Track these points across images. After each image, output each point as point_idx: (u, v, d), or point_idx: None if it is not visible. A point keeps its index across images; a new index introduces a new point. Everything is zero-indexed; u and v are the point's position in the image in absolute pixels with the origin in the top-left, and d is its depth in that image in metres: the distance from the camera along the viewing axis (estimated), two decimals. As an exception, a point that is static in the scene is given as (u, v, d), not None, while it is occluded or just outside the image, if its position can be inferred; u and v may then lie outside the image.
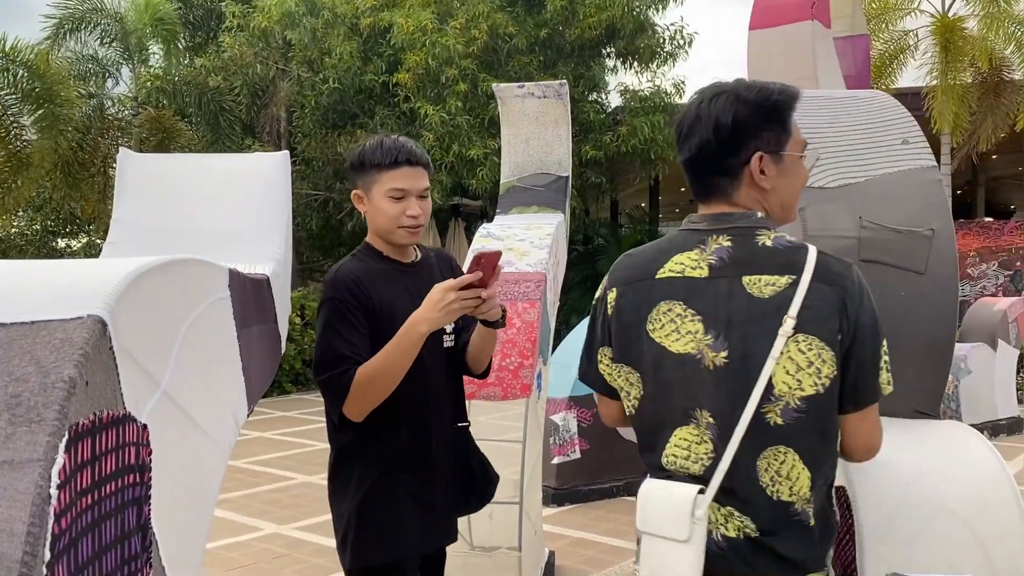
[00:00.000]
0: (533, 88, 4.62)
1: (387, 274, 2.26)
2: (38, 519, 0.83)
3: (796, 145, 1.72)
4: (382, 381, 2.09)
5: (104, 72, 15.91)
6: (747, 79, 1.75)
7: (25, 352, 0.94)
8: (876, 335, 1.64)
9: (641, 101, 14.78)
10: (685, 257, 1.74)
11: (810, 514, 1.65)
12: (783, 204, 1.75)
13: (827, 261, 1.67)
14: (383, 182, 2.22)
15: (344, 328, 2.12)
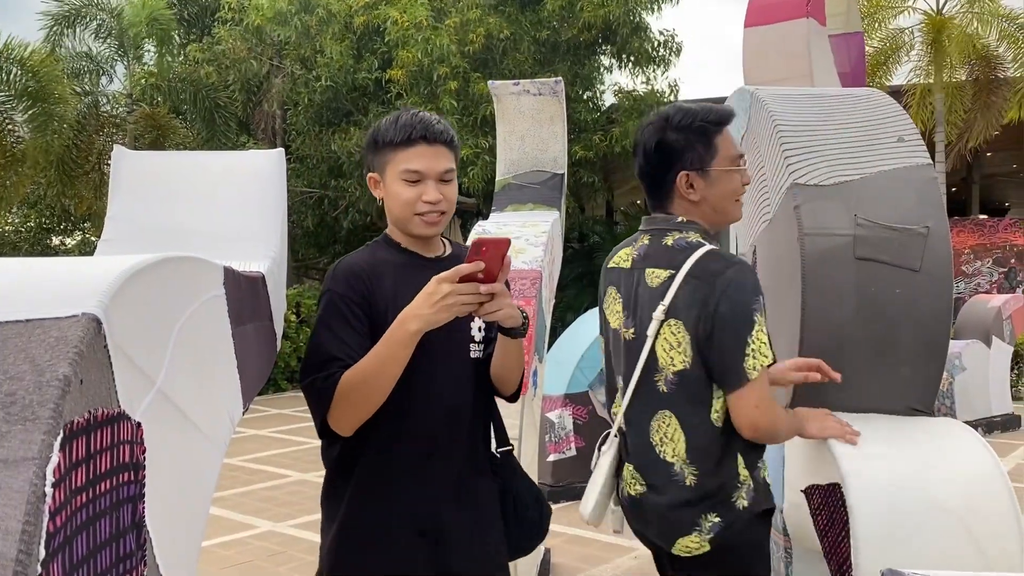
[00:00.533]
0: (528, 85, 4.62)
1: (401, 267, 1.94)
2: (33, 517, 0.82)
3: (724, 160, 2.02)
4: (367, 388, 1.77)
5: (98, 69, 15.87)
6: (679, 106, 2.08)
7: (19, 350, 0.93)
8: (739, 326, 1.89)
9: (635, 101, 14.79)
10: (624, 251, 2.19)
11: (686, 475, 1.96)
12: (716, 210, 2.06)
13: (707, 261, 1.96)
14: (397, 162, 1.92)
15: (338, 325, 1.84)
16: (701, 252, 1.97)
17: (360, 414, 1.81)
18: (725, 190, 2.04)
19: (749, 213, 2.86)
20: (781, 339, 2.49)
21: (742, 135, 2.88)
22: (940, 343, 2.34)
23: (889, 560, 1.89)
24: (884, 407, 2.33)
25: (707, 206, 2.06)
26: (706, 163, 2.01)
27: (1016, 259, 17.85)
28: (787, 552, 2.55)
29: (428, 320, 1.71)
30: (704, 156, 2.01)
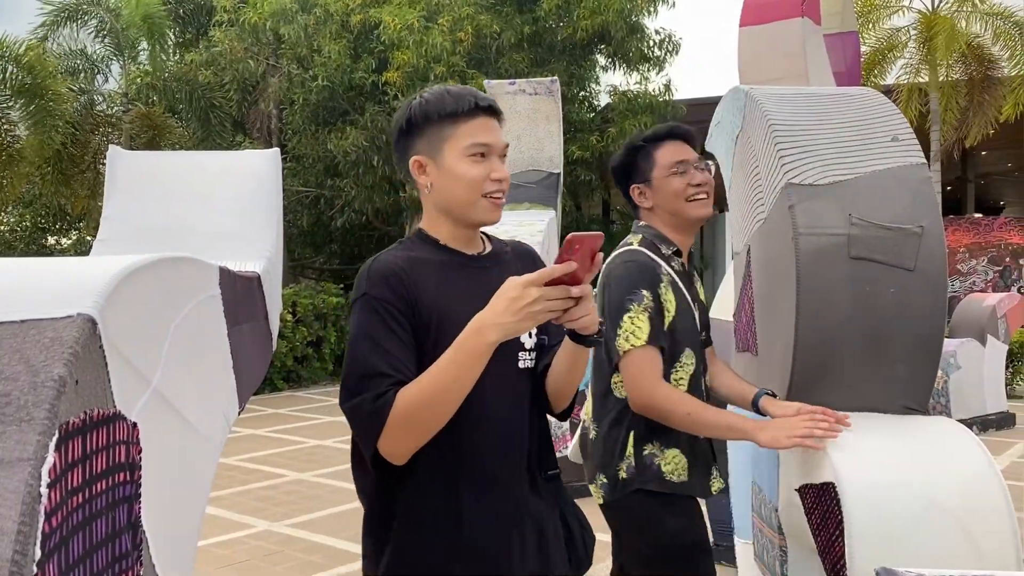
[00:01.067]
0: (524, 85, 4.63)
1: (443, 267, 1.69)
2: (28, 518, 0.83)
3: (662, 169, 2.37)
4: (432, 409, 1.52)
5: (94, 68, 15.84)
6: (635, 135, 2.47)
7: (15, 351, 0.94)
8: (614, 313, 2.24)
9: (629, 102, 14.80)
10: None
11: (591, 430, 2.39)
12: (670, 212, 2.40)
13: (612, 259, 2.36)
14: (459, 137, 1.67)
15: (381, 334, 1.57)
16: (617, 251, 2.40)
17: (421, 439, 1.55)
18: (668, 193, 2.37)
19: (743, 213, 2.86)
20: (776, 338, 2.50)
21: (736, 134, 2.89)
22: (934, 342, 2.35)
23: (883, 559, 1.90)
24: (878, 406, 2.33)
25: (661, 211, 2.41)
26: (647, 174, 2.38)
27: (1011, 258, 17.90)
28: (782, 551, 2.56)
29: (510, 329, 1.47)
30: (645, 169, 2.39)
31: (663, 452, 2.31)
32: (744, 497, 2.91)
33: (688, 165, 2.37)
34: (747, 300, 2.84)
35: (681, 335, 2.35)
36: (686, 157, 2.38)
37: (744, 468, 2.90)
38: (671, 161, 2.37)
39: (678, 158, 2.37)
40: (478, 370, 1.50)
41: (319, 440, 8.75)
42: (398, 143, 1.76)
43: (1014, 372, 11.81)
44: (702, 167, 2.42)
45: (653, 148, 2.40)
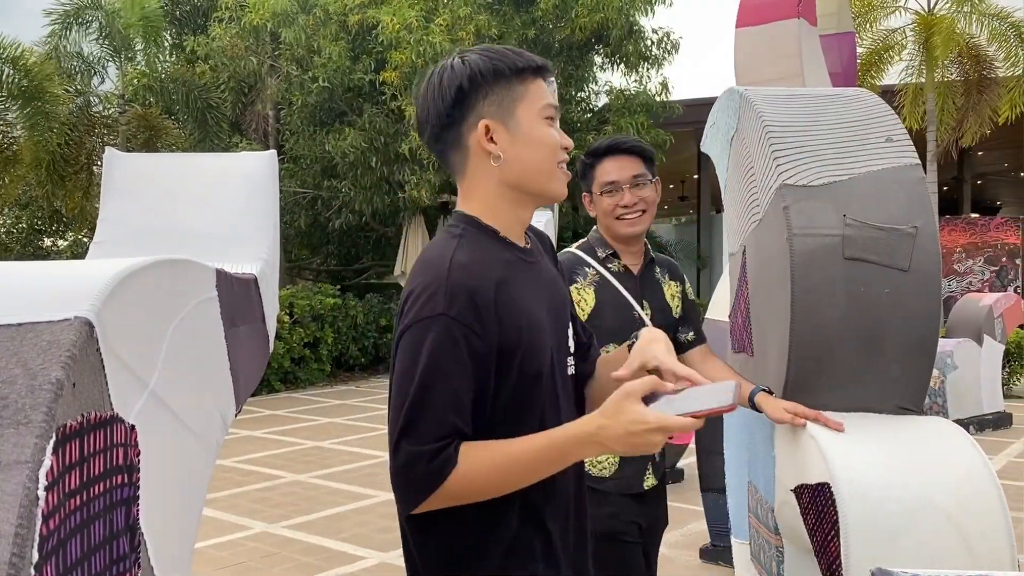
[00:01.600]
0: (521, 86, 4.63)
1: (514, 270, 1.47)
2: (26, 520, 0.83)
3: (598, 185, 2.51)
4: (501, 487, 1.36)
5: (90, 69, 15.82)
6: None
7: (12, 354, 0.94)
8: None
9: (627, 100, 14.80)
10: None
11: None
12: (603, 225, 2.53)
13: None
14: (533, 97, 1.48)
15: (456, 372, 1.33)
16: None
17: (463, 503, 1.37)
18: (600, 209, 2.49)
19: (739, 214, 2.87)
20: (771, 338, 2.51)
21: (731, 136, 2.89)
22: (929, 342, 2.36)
23: (878, 558, 1.91)
24: (873, 406, 2.34)
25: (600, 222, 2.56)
26: (590, 187, 2.49)
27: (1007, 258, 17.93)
28: (778, 551, 2.57)
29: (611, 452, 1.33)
30: (590, 182, 2.51)
31: None
32: (740, 498, 2.92)
33: (619, 186, 2.45)
34: (743, 301, 2.85)
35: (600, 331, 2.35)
36: (617, 178, 2.46)
37: (740, 469, 2.90)
38: (603, 181, 2.47)
39: (609, 179, 2.46)
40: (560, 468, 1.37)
41: (316, 441, 8.75)
42: (453, 109, 1.46)
43: (1011, 372, 11.83)
44: (640, 183, 2.49)
45: (596, 163, 2.50)
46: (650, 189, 2.53)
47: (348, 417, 10.46)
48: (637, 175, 2.49)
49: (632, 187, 2.47)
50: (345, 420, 10.24)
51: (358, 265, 18.40)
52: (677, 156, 16.59)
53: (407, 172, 13.84)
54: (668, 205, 27.97)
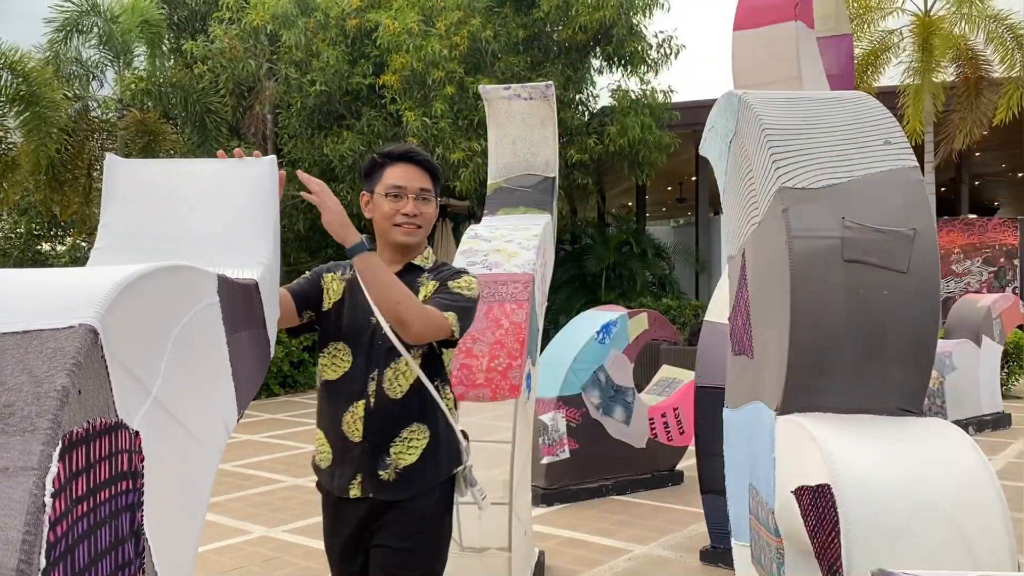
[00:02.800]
0: (519, 90, 4.64)
1: None
2: (33, 527, 0.84)
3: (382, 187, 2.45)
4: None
5: (88, 74, 15.81)
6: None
7: (17, 362, 0.94)
8: None
9: (632, 101, 14.80)
10: None
11: None
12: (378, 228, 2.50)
13: None
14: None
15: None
16: None
17: None
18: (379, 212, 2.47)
19: (738, 216, 2.88)
20: (771, 340, 2.52)
21: (730, 139, 2.90)
22: (928, 344, 2.37)
23: (879, 560, 1.91)
24: (873, 408, 2.35)
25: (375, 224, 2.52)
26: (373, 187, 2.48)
27: (1005, 258, 17.95)
28: (779, 553, 2.57)
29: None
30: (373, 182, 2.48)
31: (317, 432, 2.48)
32: (741, 499, 2.92)
33: (405, 193, 2.43)
34: (742, 303, 2.86)
35: (335, 326, 2.44)
36: (406, 185, 2.43)
37: (741, 470, 2.91)
38: (390, 183, 2.43)
39: (398, 183, 2.43)
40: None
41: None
42: None
43: (1009, 373, 11.84)
44: (425, 198, 2.45)
45: (386, 165, 2.45)
46: (431, 207, 2.48)
47: (348, 421, 10.47)
48: (424, 188, 2.45)
49: (416, 198, 2.43)
50: (345, 424, 10.24)
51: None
52: (675, 158, 16.60)
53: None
54: (666, 207, 27.99)
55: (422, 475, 2.37)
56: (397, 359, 2.36)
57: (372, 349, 2.39)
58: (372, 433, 2.36)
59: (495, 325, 3.74)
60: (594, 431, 6.56)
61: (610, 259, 17.19)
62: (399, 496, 2.36)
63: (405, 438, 2.37)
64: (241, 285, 1.80)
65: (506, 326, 3.73)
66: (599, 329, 6.70)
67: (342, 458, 2.40)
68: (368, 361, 2.39)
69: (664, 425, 7.01)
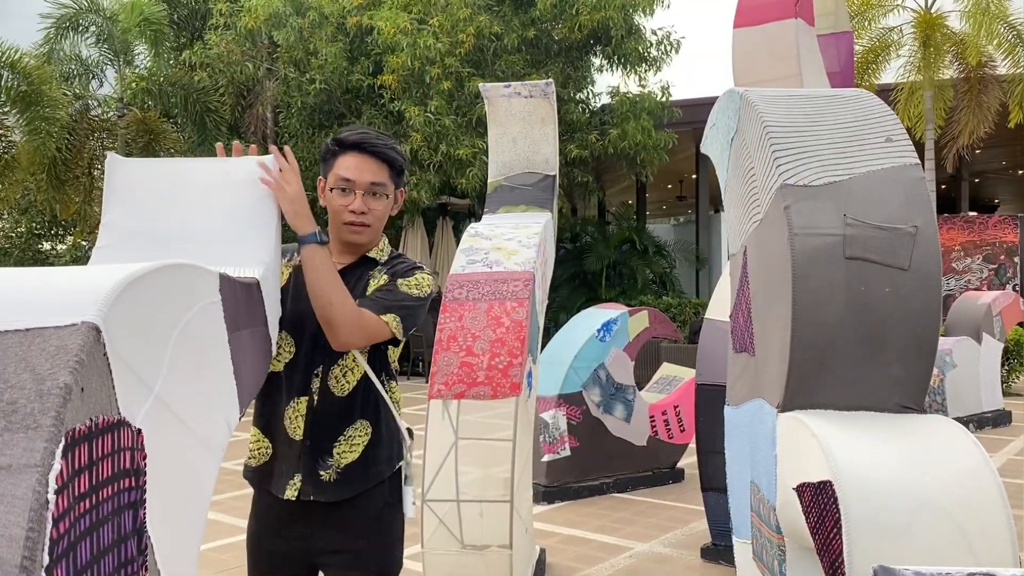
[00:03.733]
0: (520, 88, 4.64)
1: None
2: (36, 524, 0.84)
3: (332, 178, 2.30)
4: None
5: (88, 73, 15.81)
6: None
7: (20, 360, 0.95)
8: None
9: (631, 105, 14.79)
10: None
11: None
12: (331, 224, 2.35)
13: None
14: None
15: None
16: None
17: None
18: (330, 205, 2.32)
19: (739, 214, 2.88)
20: (773, 338, 2.52)
21: (731, 136, 2.90)
22: (929, 341, 2.37)
23: (881, 557, 1.92)
24: (874, 405, 2.35)
25: (329, 217, 2.36)
26: (326, 175, 2.33)
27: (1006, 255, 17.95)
28: (780, 550, 2.57)
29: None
30: (326, 170, 2.33)
31: (253, 428, 2.30)
32: (742, 497, 2.92)
33: (352, 187, 2.24)
34: (744, 300, 2.86)
35: (284, 311, 2.22)
36: (354, 178, 2.24)
37: (742, 468, 2.91)
38: (339, 175, 2.26)
39: (346, 175, 2.25)
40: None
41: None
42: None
43: (1010, 370, 11.84)
44: (374, 193, 2.26)
45: (338, 153, 2.28)
46: (383, 203, 2.28)
47: (348, 419, 10.48)
48: (376, 182, 2.25)
49: (366, 194, 2.24)
50: (345, 422, 10.25)
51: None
52: (675, 156, 16.60)
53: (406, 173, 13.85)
54: (667, 205, 27.97)
55: (364, 473, 2.23)
56: (344, 356, 2.23)
57: (317, 344, 2.22)
58: (314, 432, 2.21)
59: (496, 323, 3.74)
60: (595, 429, 6.56)
61: (610, 257, 17.19)
62: (341, 496, 2.21)
63: (349, 436, 2.23)
64: (243, 284, 1.80)
65: (507, 324, 3.73)
66: (600, 327, 6.70)
67: (281, 455, 2.23)
68: (312, 355, 2.23)
69: (665, 423, 7.01)
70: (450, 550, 3.63)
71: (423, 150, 13.27)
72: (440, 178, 13.64)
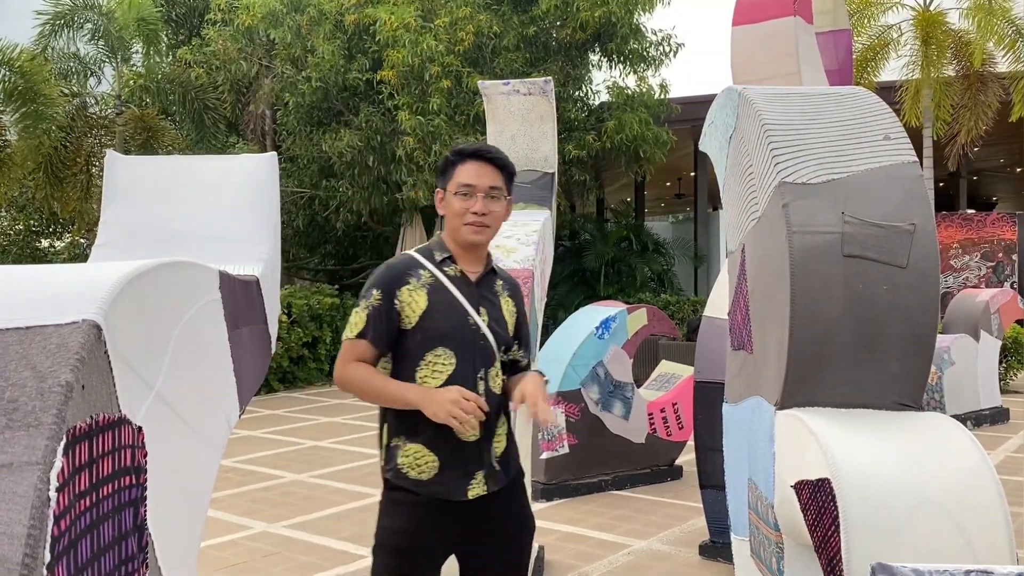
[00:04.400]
0: (519, 85, 4.64)
1: None
2: (38, 521, 0.84)
3: (453, 185, 2.42)
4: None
5: (86, 70, 15.78)
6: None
7: (21, 357, 0.95)
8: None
9: (629, 98, 14.78)
10: None
11: None
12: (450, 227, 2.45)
13: None
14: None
15: None
16: None
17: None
18: (451, 209, 2.43)
19: (738, 212, 2.88)
20: (771, 335, 2.52)
21: (730, 134, 2.91)
22: (927, 338, 2.37)
23: (879, 554, 1.92)
24: (872, 402, 2.35)
25: (447, 221, 2.47)
26: (446, 185, 2.46)
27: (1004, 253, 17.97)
28: (778, 547, 2.58)
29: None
30: (447, 179, 2.46)
31: (405, 445, 2.35)
32: (740, 494, 2.93)
33: (474, 190, 2.42)
34: (742, 298, 2.87)
35: (431, 334, 2.36)
36: (475, 183, 2.43)
37: (740, 465, 2.92)
38: (460, 182, 2.43)
39: (467, 181, 2.43)
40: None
41: (316, 441, 8.75)
42: None
43: (1007, 367, 11.85)
44: (495, 196, 2.44)
45: (458, 163, 2.46)
46: (502, 205, 2.48)
47: (347, 416, 10.47)
48: (494, 187, 2.44)
49: (486, 196, 2.42)
50: (344, 419, 10.25)
51: (356, 264, 18.39)
52: (674, 154, 16.60)
53: (404, 173, 13.84)
54: (665, 203, 27.98)
55: (512, 457, 2.50)
56: (496, 359, 2.45)
57: (476, 350, 2.41)
58: (486, 431, 2.40)
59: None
60: (593, 426, 6.56)
61: (609, 255, 17.19)
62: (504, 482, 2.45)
63: (499, 429, 2.46)
64: (242, 281, 1.80)
65: (506, 322, 3.73)
66: (598, 325, 6.70)
67: (454, 462, 2.37)
68: (474, 362, 2.41)
69: (663, 420, 7.02)
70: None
71: (418, 152, 13.26)
72: (436, 178, 13.64)
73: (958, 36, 15.36)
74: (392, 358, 2.36)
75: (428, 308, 2.35)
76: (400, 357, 2.36)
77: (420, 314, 2.34)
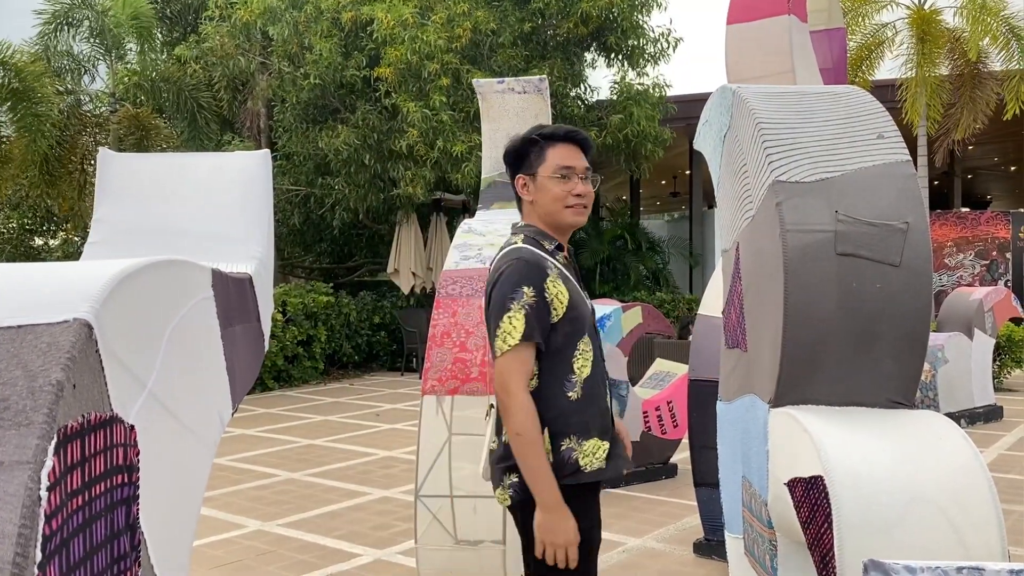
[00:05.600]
0: (513, 83, 4.63)
1: None
2: (29, 520, 0.84)
3: (548, 168, 2.35)
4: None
5: (80, 68, 15.73)
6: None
7: (12, 356, 0.95)
8: (495, 313, 2.23)
9: (639, 93, 14.77)
10: None
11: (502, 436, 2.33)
12: (546, 211, 2.37)
13: (499, 259, 2.34)
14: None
15: None
16: (503, 252, 2.36)
17: None
18: (548, 194, 2.36)
19: (732, 210, 2.89)
20: (765, 333, 2.53)
21: (724, 133, 2.91)
22: (920, 337, 2.38)
23: (872, 551, 1.93)
24: (865, 400, 2.36)
25: (540, 207, 2.39)
26: (534, 169, 2.37)
27: (998, 251, 18.02)
28: (772, 544, 2.59)
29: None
30: (534, 163, 2.37)
31: (581, 445, 2.31)
32: (734, 492, 2.93)
33: (573, 172, 2.37)
34: (736, 296, 2.87)
35: (579, 323, 2.33)
36: (574, 164, 2.38)
37: (734, 463, 2.92)
38: (558, 164, 2.37)
39: (566, 163, 2.37)
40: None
41: (310, 439, 8.74)
42: None
43: (1001, 365, 11.89)
44: (587, 178, 2.41)
45: (547, 146, 2.39)
46: (590, 187, 2.44)
47: (342, 415, 10.46)
48: (588, 168, 2.42)
49: (584, 179, 2.39)
50: (339, 418, 10.24)
51: (351, 263, 18.37)
52: (670, 152, 16.61)
53: (401, 168, 13.81)
54: (660, 201, 27.99)
55: None
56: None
57: (596, 333, 2.44)
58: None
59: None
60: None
61: (604, 253, 17.20)
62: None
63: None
64: (235, 279, 1.80)
65: (500, 320, 3.74)
66: (593, 323, 6.70)
67: (615, 443, 2.43)
68: (598, 345, 2.44)
69: (658, 418, 7.02)
70: (443, 545, 3.64)
71: (420, 146, 13.23)
72: (435, 174, 13.61)
73: (953, 34, 15.38)
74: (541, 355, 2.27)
75: (570, 297, 2.32)
76: (551, 353, 2.29)
77: (567, 304, 2.30)
